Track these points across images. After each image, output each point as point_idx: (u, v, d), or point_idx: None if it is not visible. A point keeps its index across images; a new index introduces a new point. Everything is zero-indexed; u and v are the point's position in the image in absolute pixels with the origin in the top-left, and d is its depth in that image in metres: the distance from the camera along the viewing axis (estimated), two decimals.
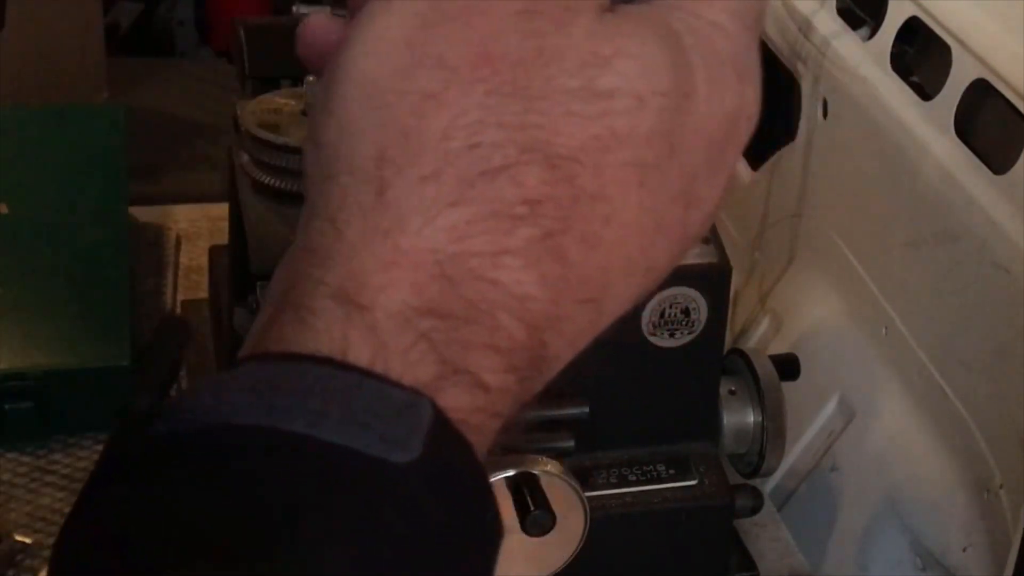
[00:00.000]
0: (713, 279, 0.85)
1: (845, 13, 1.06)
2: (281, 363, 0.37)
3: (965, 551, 0.90)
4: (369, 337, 0.37)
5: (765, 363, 0.91)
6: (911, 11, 0.97)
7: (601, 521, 0.83)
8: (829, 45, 1.06)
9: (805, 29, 1.09)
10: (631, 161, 0.39)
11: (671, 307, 0.85)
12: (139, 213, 1.29)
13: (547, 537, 0.78)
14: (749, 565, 0.98)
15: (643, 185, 0.39)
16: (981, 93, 0.90)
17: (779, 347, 1.10)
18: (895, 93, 0.99)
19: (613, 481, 0.88)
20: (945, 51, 0.92)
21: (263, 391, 0.36)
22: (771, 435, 0.90)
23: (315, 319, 0.37)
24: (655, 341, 0.85)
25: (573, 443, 0.83)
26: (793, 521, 1.05)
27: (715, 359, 0.90)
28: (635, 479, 0.89)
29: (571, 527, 0.80)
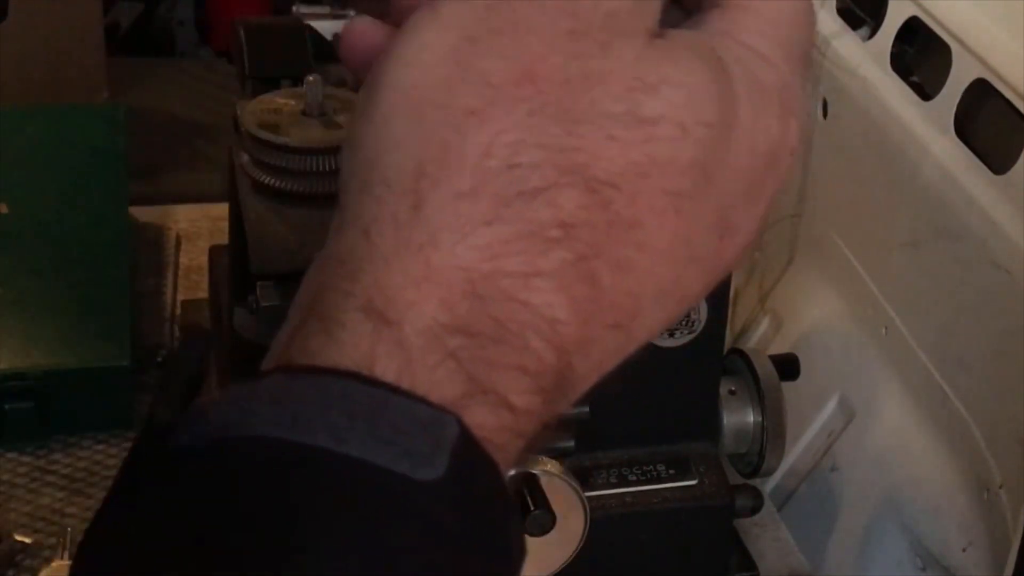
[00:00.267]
0: None
1: (845, 13, 1.06)
2: (306, 376, 0.37)
3: (965, 551, 0.90)
4: (396, 352, 0.37)
5: (765, 363, 0.91)
6: (911, 11, 0.97)
7: (601, 521, 0.83)
8: (829, 45, 1.06)
9: None
10: (669, 189, 0.39)
11: None
12: (139, 213, 1.29)
13: (547, 537, 0.78)
14: (749, 565, 0.98)
15: (679, 213, 0.39)
16: (981, 93, 0.90)
17: (779, 347, 1.10)
18: (895, 93, 0.99)
19: (613, 481, 0.88)
20: (945, 51, 0.92)
21: (287, 404, 0.36)
22: (771, 435, 0.90)
23: (342, 332, 0.37)
24: (655, 341, 0.85)
25: (573, 443, 0.83)
26: (793, 521, 1.05)
27: (715, 359, 0.90)
28: (635, 479, 0.89)
29: (571, 527, 0.80)
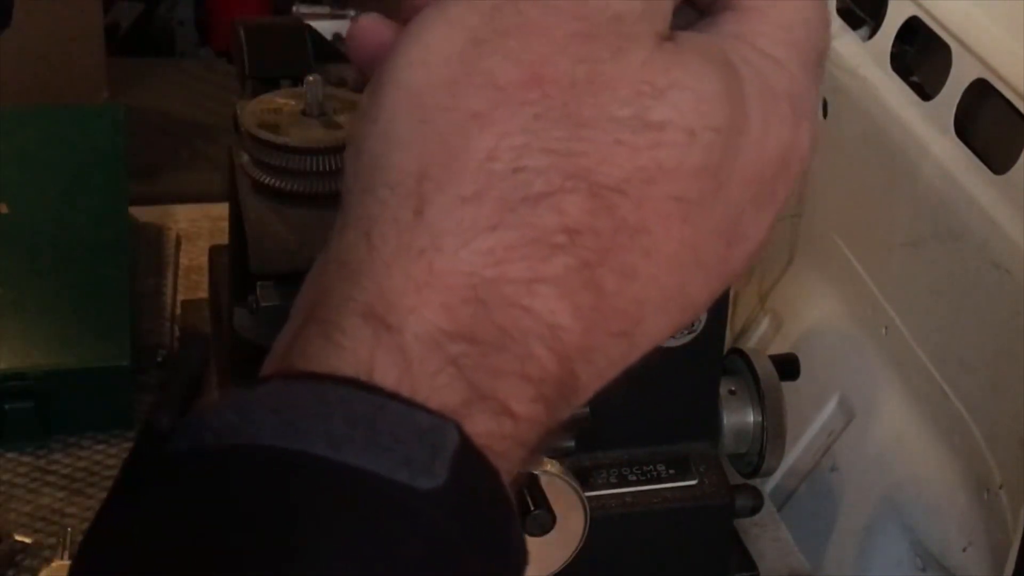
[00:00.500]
0: None
1: (845, 13, 1.06)
2: (305, 383, 0.36)
3: (965, 551, 0.90)
4: (397, 359, 0.36)
5: (765, 363, 0.91)
6: (911, 11, 0.97)
7: (601, 521, 0.83)
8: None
9: None
10: (676, 195, 0.38)
11: None
12: (139, 213, 1.29)
13: (547, 537, 0.78)
14: (749, 565, 0.98)
15: (685, 220, 0.38)
16: (981, 93, 0.90)
17: (779, 347, 1.10)
18: (895, 93, 0.99)
19: (613, 481, 0.88)
20: (945, 51, 0.92)
21: (285, 411, 0.35)
22: (771, 435, 0.90)
23: (342, 337, 0.37)
24: None
25: (573, 443, 0.83)
26: (793, 521, 1.05)
27: (715, 359, 0.90)
28: (635, 479, 0.89)
29: (571, 527, 0.80)
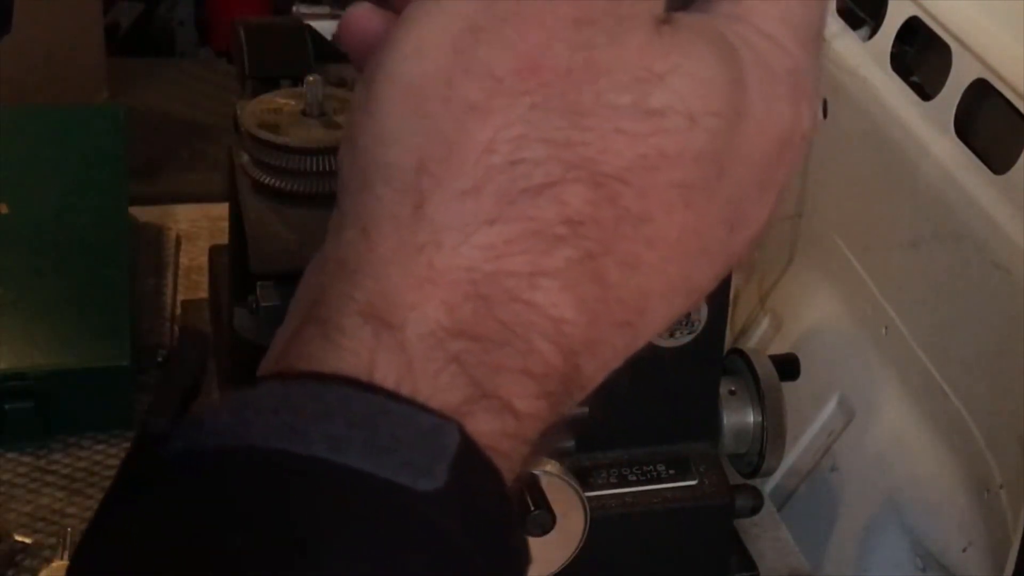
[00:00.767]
0: None
1: (845, 13, 1.06)
2: (304, 383, 0.36)
3: (965, 551, 0.90)
4: (397, 358, 0.36)
5: (765, 363, 0.91)
6: (911, 11, 0.97)
7: (601, 521, 0.83)
8: (829, 45, 1.06)
9: None
10: (678, 182, 0.37)
11: None
12: (139, 213, 1.29)
13: (547, 537, 0.78)
14: (749, 565, 0.98)
15: (688, 207, 0.38)
16: (981, 93, 0.90)
17: (779, 347, 1.10)
18: (895, 93, 0.99)
19: (613, 481, 0.88)
20: (945, 51, 0.92)
21: (284, 412, 0.35)
22: (771, 435, 0.90)
23: (342, 336, 0.36)
24: (655, 341, 0.85)
25: (573, 443, 0.82)
26: (793, 521, 1.05)
27: (715, 359, 0.90)
28: (635, 479, 0.89)
29: (571, 527, 0.80)
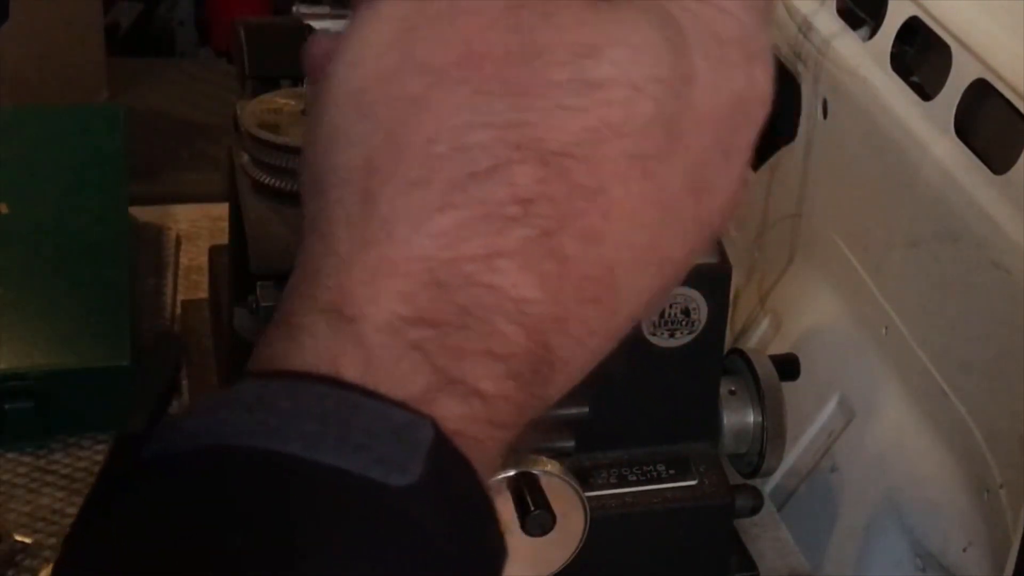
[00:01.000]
0: (713, 279, 0.85)
1: (845, 13, 1.06)
2: (278, 382, 0.36)
3: (965, 551, 0.90)
4: (357, 351, 0.36)
5: (765, 363, 0.91)
6: (911, 11, 0.97)
7: (601, 521, 0.83)
8: (829, 45, 1.06)
9: (805, 29, 1.09)
10: (630, 152, 0.37)
11: (671, 307, 0.85)
12: (139, 213, 1.29)
13: (547, 537, 0.78)
14: (749, 565, 0.98)
15: (645, 176, 0.38)
16: (981, 93, 0.90)
17: (779, 347, 1.10)
18: (895, 93, 0.99)
19: (613, 481, 0.88)
20: (945, 51, 0.92)
21: (259, 411, 0.35)
22: (771, 435, 0.90)
23: (304, 335, 0.37)
24: (655, 341, 0.85)
25: (573, 443, 0.83)
26: (793, 521, 1.05)
27: (715, 359, 0.90)
28: (635, 479, 0.89)
29: (571, 527, 0.80)
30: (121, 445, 0.37)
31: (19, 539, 0.98)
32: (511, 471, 0.77)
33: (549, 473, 0.79)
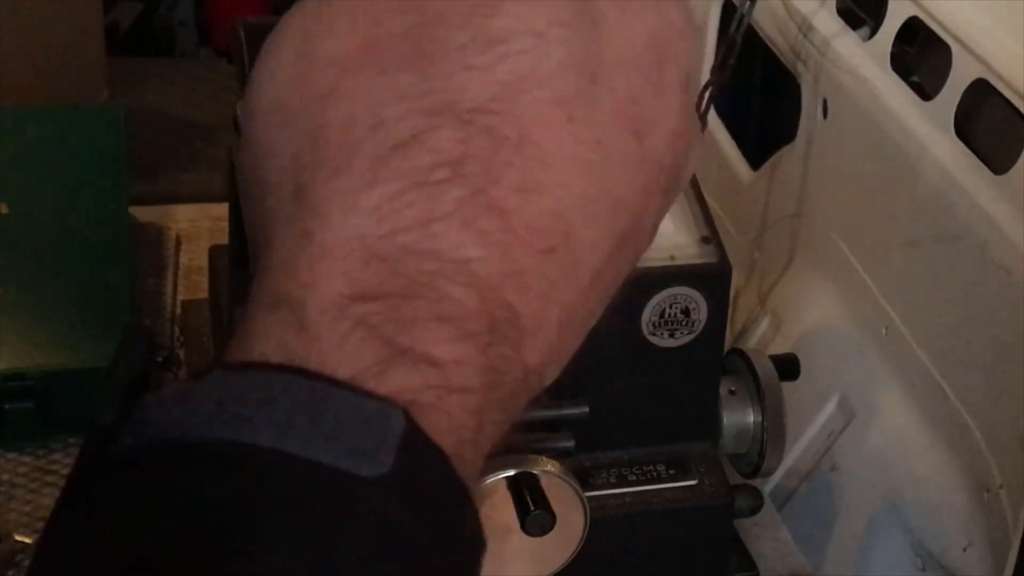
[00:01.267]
0: (713, 279, 0.85)
1: (845, 13, 1.06)
2: (247, 373, 0.36)
3: (965, 551, 0.90)
4: (302, 336, 0.36)
5: (765, 363, 0.91)
6: (911, 11, 0.97)
7: (601, 521, 0.83)
8: (829, 45, 1.06)
9: (805, 29, 1.09)
10: (547, 99, 0.38)
11: (671, 307, 0.85)
12: (139, 213, 1.29)
13: (547, 537, 0.78)
14: (749, 565, 0.98)
15: (572, 120, 0.38)
16: (981, 93, 0.90)
17: (779, 347, 1.10)
18: (895, 93, 0.99)
19: (613, 481, 0.88)
20: (945, 51, 0.92)
21: (228, 402, 0.35)
22: (771, 435, 0.90)
23: (253, 331, 0.37)
24: (655, 341, 0.85)
25: (573, 443, 0.82)
26: (793, 521, 1.05)
27: (715, 359, 0.90)
28: (635, 479, 0.89)
29: (571, 527, 0.80)
30: (91, 439, 0.37)
31: (19, 539, 0.98)
32: (511, 471, 0.77)
33: (549, 473, 0.79)
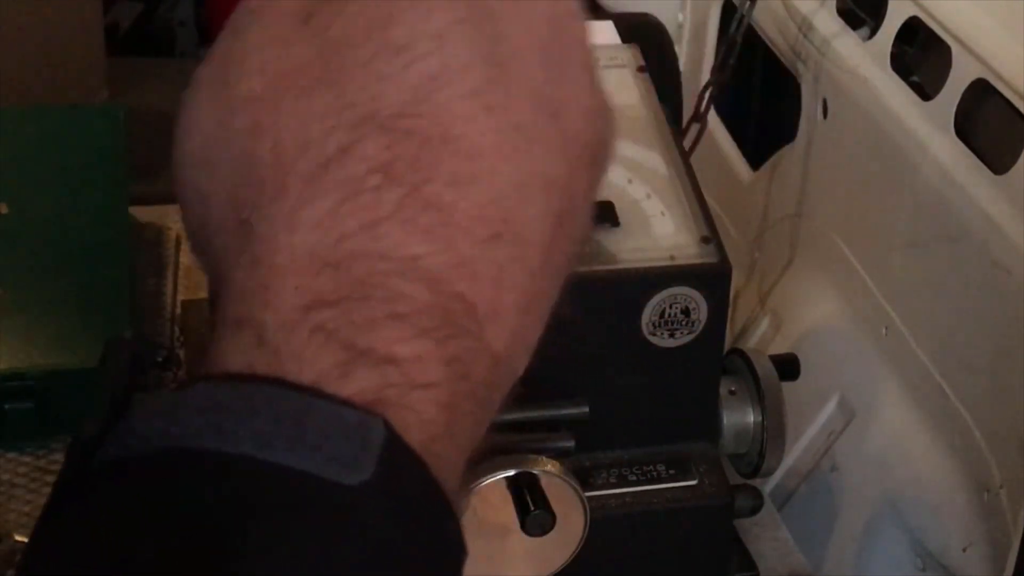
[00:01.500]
0: (713, 279, 0.85)
1: (845, 13, 1.06)
2: (231, 384, 0.37)
3: (965, 551, 0.90)
4: (262, 351, 0.37)
5: (765, 363, 0.91)
6: (911, 11, 0.97)
7: (601, 521, 0.83)
8: (829, 45, 1.06)
9: (805, 29, 1.09)
10: (463, 93, 0.39)
11: (671, 307, 0.85)
12: (139, 213, 1.29)
13: (547, 537, 0.78)
14: (749, 565, 0.98)
15: (490, 110, 0.39)
16: (981, 93, 0.90)
17: (779, 347, 1.10)
18: (895, 93, 0.99)
19: (613, 481, 0.88)
20: (945, 51, 0.92)
21: (212, 413, 0.36)
22: (771, 435, 0.90)
23: (220, 349, 0.38)
24: (655, 341, 0.85)
25: (573, 443, 0.83)
26: (793, 521, 1.05)
27: (715, 359, 0.90)
28: (635, 479, 0.89)
29: (571, 527, 0.80)
30: (75, 451, 0.37)
31: (19, 539, 0.98)
32: (511, 471, 0.77)
33: (549, 473, 0.79)
